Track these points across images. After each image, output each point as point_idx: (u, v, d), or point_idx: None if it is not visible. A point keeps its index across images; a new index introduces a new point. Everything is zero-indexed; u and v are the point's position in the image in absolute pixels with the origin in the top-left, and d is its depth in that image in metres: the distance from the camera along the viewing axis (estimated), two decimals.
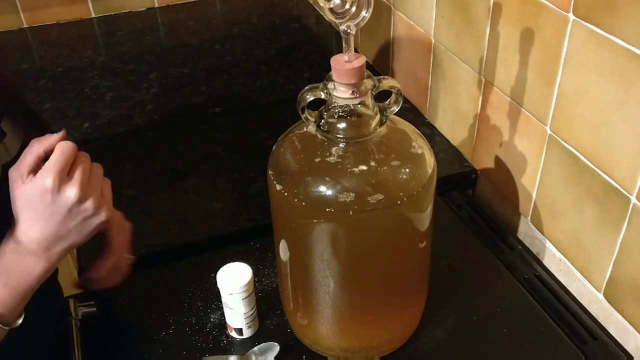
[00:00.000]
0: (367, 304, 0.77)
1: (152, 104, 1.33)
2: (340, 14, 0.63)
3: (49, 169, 0.63)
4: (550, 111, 0.89)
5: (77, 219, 0.66)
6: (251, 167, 1.13)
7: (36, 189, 0.63)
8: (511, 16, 0.92)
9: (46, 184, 0.63)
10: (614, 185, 0.81)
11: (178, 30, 1.66)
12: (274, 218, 0.76)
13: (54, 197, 0.64)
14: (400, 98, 0.69)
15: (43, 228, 0.65)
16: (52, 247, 0.66)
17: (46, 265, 0.66)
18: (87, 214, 0.66)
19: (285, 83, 1.40)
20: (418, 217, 0.72)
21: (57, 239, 0.66)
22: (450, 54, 1.11)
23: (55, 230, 0.65)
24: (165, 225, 1.02)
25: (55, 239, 0.66)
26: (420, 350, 0.83)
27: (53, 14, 1.68)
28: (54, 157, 0.64)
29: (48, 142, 0.65)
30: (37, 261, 0.66)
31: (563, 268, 0.96)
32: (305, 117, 0.69)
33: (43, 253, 0.66)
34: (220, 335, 0.85)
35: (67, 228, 0.66)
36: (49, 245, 0.66)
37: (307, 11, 1.75)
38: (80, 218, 0.66)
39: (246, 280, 0.79)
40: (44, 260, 0.66)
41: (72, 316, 0.84)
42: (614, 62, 0.75)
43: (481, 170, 1.12)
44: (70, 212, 0.65)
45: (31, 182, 0.64)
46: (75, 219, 0.66)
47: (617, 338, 0.87)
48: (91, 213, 0.66)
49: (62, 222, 0.65)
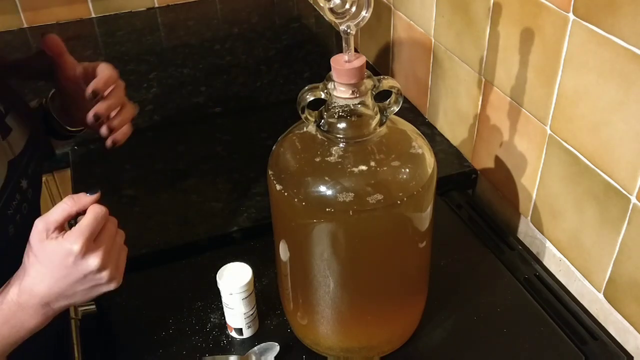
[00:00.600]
0: (367, 304, 0.77)
1: (152, 104, 1.33)
2: (340, 14, 0.63)
3: (80, 234, 0.63)
4: (550, 111, 0.89)
5: (87, 285, 0.66)
6: (251, 167, 1.13)
7: (61, 249, 0.63)
8: (511, 16, 0.92)
9: (73, 249, 0.63)
10: (614, 185, 0.81)
11: (178, 30, 1.66)
12: (274, 218, 0.76)
13: (76, 262, 0.64)
14: (400, 98, 0.69)
15: (52, 285, 0.65)
16: (52, 303, 0.66)
17: (40, 321, 0.66)
18: (99, 282, 0.66)
19: (285, 83, 1.40)
20: (418, 217, 0.72)
21: (60, 297, 0.66)
22: (450, 54, 1.11)
23: (63, 290, 0.65)
24: (165, 225, 1.02)
25: (59, 297, 0.66)
26: (420, 350, 0.83)
27: (53, 14, 1.68)
28: (87, 222, 0.64)
29: (81, 203, 0.65)
30: (32, 316, 0.66)
31: (563, 268, 0.96)
32: (305, 117, 0.69)
33: (41, 308, 0.66)
34: (220, 335, 0.85)
35: (74, 290, 0.66)
36: (50, 302, 0.66)
37: (307, 11, 1.75)
38: (91, 284, 0.66)
39: (246, 280, 0.79)
40: (40, 316, 0.66)
41: (72, 316, 0.84)
42: (614, 62, 0.75)
43: (481, 170, 1.12)
44: (85, 277, 0.65)
45: (57, 241, 0.63)
46: (86, 284, 0.66)
47: (617, 338, 0.87)
48: (103, 282, 0.66)
49: (72, 284, 0.65)
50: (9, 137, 0.70)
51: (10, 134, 0.70)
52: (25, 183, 0.69)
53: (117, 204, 1.04)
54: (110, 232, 0.67)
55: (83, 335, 0.84)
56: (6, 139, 0.70)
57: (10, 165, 0.68)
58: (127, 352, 0.84)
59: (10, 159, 0.69)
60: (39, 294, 0.65)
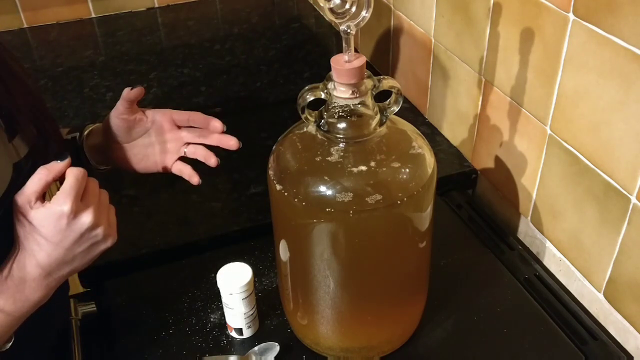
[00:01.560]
0: (367, 303, 0.77)
1: (152, 104, 1.33)
2: (340, 14, 0.63)
3: (66, 194, 0.64)
4: (550, 111, 0.89)
5: (85, 245, 0.67)
6: (251, 167, 1.13)
7: (51, 214, 0.64)
8: (511, 16, 0.92)
9: (64, 210, 0.64)
10: (614, 185, 0.81)
11: (178, 30, 1.66)
12: (274, 218, 0.76)
13: (70, 222, 0.64)
14: (400, 98, 0.69)
15: (50, 253, 0.65)
16: (54, 273, 0.66)
17: (44, 293, 0.67)
18: (96, 240, 0.67)
19: (285, 83, 1.40)
20: (418, 217, 0.72)
21: (61, 264, 0.66)
22: (450, 54, 1.11)
23: (62, 256, 0.66)
24: (165, 225, 1.02)
25: (60, 264, 0.66)
26: (420, 350, 0.83)
27: (53, 14, 1.68)
28: (69, 183, 0.65)
29: (55, 169, 0.66)
30: (35, 289, 0.66)
31: (563, 268, 0.96)
32: (305, 117, 0.69)
33: (44, 280, 0.66)
34: (220, 335, 0.85)
35: (73, 253, 0.66)
36: (52, 271, 0.66)
37: (307, 11, 1.75)
38: (88, 244, 0.67)
39: (246, 280, 0.79)
40: (43, 288, 0.66)
41: (72, 316, 0.84)
42: (614, 62, 0.75)
43: (481, 170, 1.12)
44: (82, 237, 0.66)
45: (44, 207, 0.64)
46: (83, 245, 0.66)
47: (617, 338, 0.87)
48: (100, 239, 0.67)
49: (70, 247, 0.66)
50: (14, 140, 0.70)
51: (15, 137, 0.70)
52: None
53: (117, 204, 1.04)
54: (94, 191, 0.68)
55: (83, 335, 0.84)
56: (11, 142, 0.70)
57: (15, 167, 0.68)
58: (127, 352, 0.84)
59: (16, 162, 0.69)
60: (40, 265, 0.65)
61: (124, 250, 0.96)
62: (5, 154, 0.68)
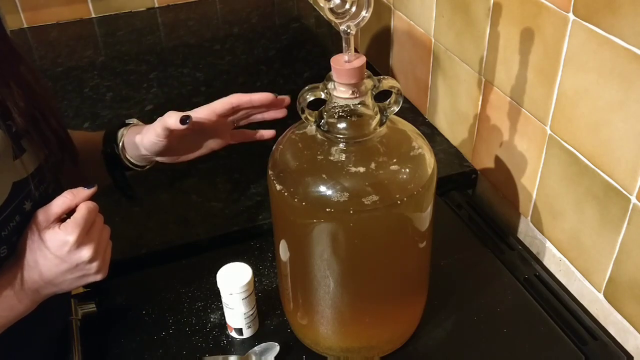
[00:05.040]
0: (367, 303, 0.77)
1: (152, 104, 1.33)
2: (340, 14, 0.63)
3: (76, 225, 0.67)
4: (550, 111, 0.89)
5: (77, 274, 0.70)
6: (251, 167, 1.13)
7: (57, 239, 0.67)
8: (511, 16, 0.92)
9: (69, 239, 0.67)
10: (614, 185, 0.81)
11: (178, 30, 1.66)
12: (274, 218, 0.76)
13: (70, 251, 0.68)
14: (400, 98, 0.69)
15: (44, 273, 0.68)
16: (41, 290, 0.70)
17: (28, 306, 0.70)
18: (88, 273, 0.70)
19: (285, 83, 1.40)
20: (418, 217, 0.72)
21: (49, 285, 0.70)
22: (450, 54, 1.11)
23: (53, 278, 0.69)
24: (165, 225, 1.02)
25: (48, 285, 0.70)
26: (420, 350, 0.83)
27: (53, 14, 1.68)
28: (80, 214, 0.68)
29: (81, 196, 0.69)
30: (21, 301, 0.69)
31: (563, 268, 0.96)
32: (305, 117, 0.69)
33: (32, 294, 0.69)
34: (220, 335, 0.85)
35: (63, 278, 0.70)
36: (40, 289, 0.70)
37: (307, 11, 1.75)
38: (80, 274, 0.70)
39: (246, 280, 0.79)
40: (28, 301, 0.70)
41: (72, 316, 0.84)
42: (614, 62, 0.75)
43: (481, 170, 1.12)
44: (76, 267, 0.69)
45: (53, 232, 0.68)
46: (75, 274, 0.70)
47: (617, 338, 0.87)
48: (92, 272, 0.70)
49: (63, 273, 0.69)
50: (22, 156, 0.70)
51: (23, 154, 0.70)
52: (29, 205, 0.70)
53: (117, 204, 1.04)
54: (99, 226, 0.71)
55: (83, 335, 0.84)
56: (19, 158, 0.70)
57: (14, 186, 0.68)
58: (127, 352, 0.84)
59: (17, 180, 0.69)
60: (30, 281, 0.68)
61: (124, 250, 0.96)
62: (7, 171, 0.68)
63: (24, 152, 0.70)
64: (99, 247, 0.70)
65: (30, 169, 0.71)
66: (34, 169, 0.71)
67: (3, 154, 0.67)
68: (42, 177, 0.72)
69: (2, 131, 0.67)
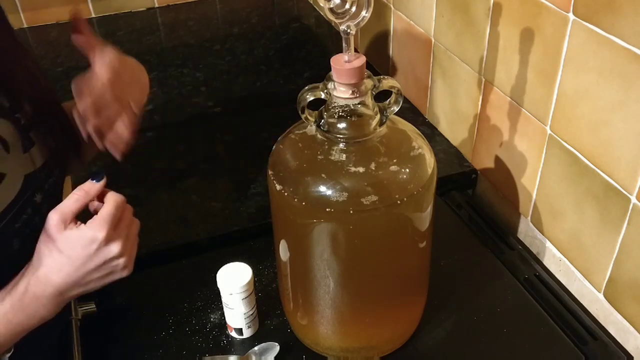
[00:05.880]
0: (367, 303, 0.77)
1: (152, 104, 1.33)
2: (340, 14, 0.63)
3: (104, 221, 0.65)
4: (550, 111, 0.89)
5: (104, 272, 0.67)
6: (251, 167, 1.13)
7: (84, 237, 0.65)
8: (511, 16, 0.92)
9: (98, 236, 0.65)
10: (614, 185, 0.81)
11: (178, 30, 1.66)
12: (274, 218, 0.76)
13: (99, 249, 0.65)
14: (400, 98, 0.69)
15: (70, 274, 0.66)
16: (66, 293, 0.67)
17: (52, 310, 0.67)
18: (115, 269, 0.68)
19: (285, 83, 1.40)
20: (418, 217, 0.72)
21: (75, 286, 0.67)
22: (450, 53, 1.11)
23: (80, 279, 0.66)
24: (165, 225, 1.02)
25: (74, 286, 0.67)
26: (420, 350, 0.83)
27: (53, 14, 1.68)
28: (108, 210, 0.66)
29: (93, 192, 0.67)
30: (45, 305, 0.67)
31: (563, 268, 0.96)
32: (305, 117, 0.69)
33: (55, 298, 0.67)
34: (220, 335, 0.85)
35: (90, 278, 0.67)
36: (65, 292, 0.67)
37: (307, 11, 1.75)
38: (107, 271, 0.68)
39: (246, 280, 0.79)
40: (53, 305, 0.67)
41: (72, 316, 0.84)
42: (614, 62, 0.75)
43: (481, 170, 1.12)
44: (104, 264, 0.67)
45: (79, 230, 0.65)
46: (102, 271, 0.67)
47: (617, 338, 0.87)
48: (119, 269, 0.68)
49: (90, 271, 0.66)
50: (31, 149, 0.70)
51: (32, 148, 0.70)
52: (40, 197, 0.69)
53: None
54: (127, 220, 0.69)
55: (83, 335, 0.84)
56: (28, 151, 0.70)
57: (26, 178, 0.68)
58: (128, 352, 0.84)
59: (28, 173, 0.69)
60: (55, 284, 0.66)
61: None
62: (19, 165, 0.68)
63: (32, 145, 0.70)
64: (127, 242, 0.68)
65: (39, 161, 0.71)
66: (42, 162, 0.71)
67: (14, 148, 0.67)
68: (50, 169, 0.72)
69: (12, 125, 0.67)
